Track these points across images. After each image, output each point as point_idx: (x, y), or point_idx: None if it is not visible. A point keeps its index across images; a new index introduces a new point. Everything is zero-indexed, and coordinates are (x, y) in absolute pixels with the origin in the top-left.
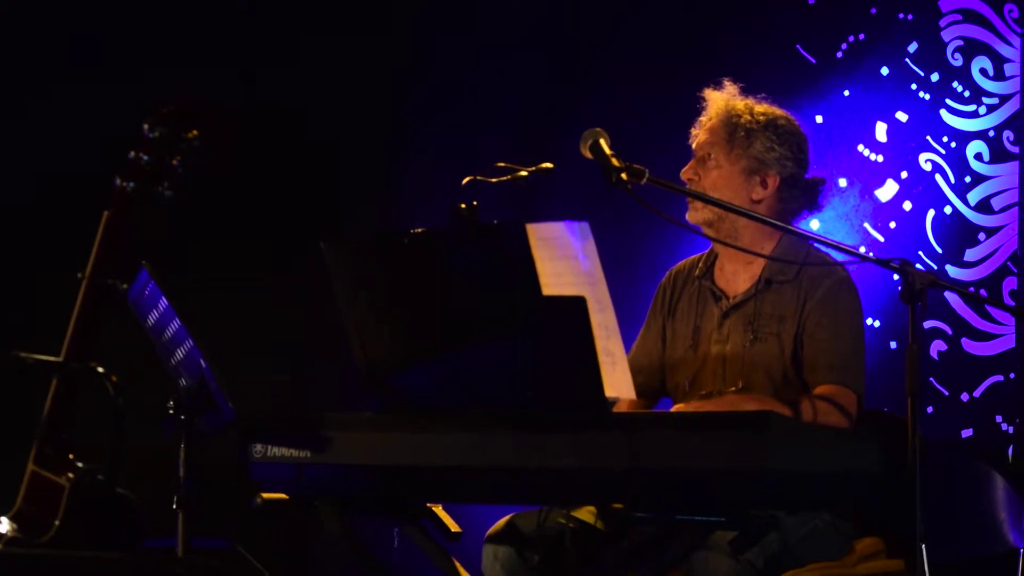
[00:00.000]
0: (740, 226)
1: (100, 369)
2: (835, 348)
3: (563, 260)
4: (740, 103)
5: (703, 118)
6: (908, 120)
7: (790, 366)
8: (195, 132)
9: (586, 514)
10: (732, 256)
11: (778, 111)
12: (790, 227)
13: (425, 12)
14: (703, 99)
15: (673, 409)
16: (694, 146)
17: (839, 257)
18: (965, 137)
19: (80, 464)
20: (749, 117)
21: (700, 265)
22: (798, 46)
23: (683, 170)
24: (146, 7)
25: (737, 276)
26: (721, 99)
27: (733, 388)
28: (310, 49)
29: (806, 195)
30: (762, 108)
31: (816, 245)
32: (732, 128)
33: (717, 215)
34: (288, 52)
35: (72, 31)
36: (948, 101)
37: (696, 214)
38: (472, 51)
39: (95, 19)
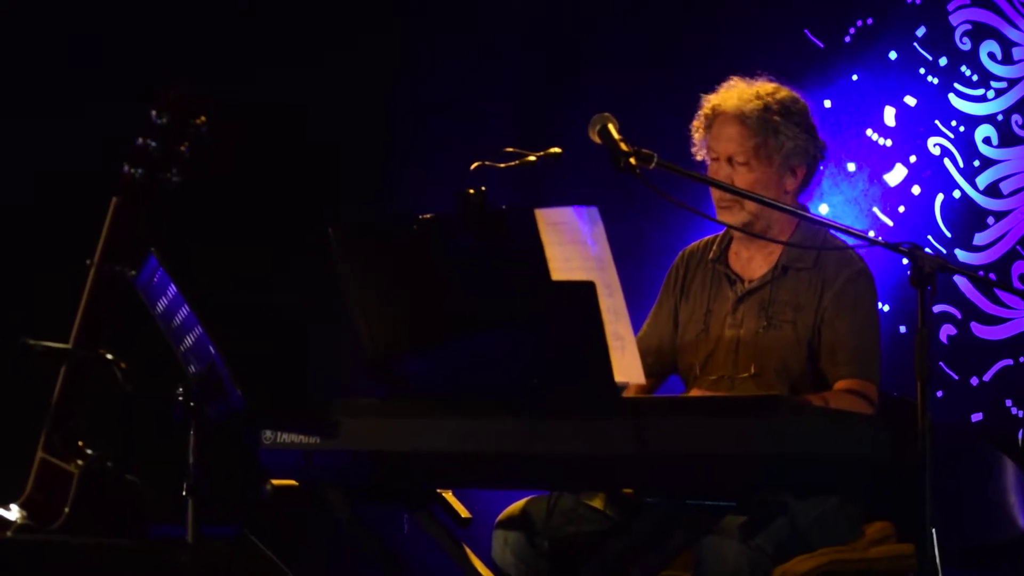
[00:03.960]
0: (774, 219)
1: (109, 356)
2: (855, 340)
3: (572, 245)
4: (753, 99)
5: (709, 124)
6: (916, 104)
7: (804, 354)
8: (203, 118)
9: (596, 499)
10: (749, 241)
11: (783, 91)
12: (810, 214)
13: None
14: (709, 101)
15: (684, 395)
16: (715, 152)
17: (849, 241)
18: (973, 121)
19: (89, 451)
20: (771, 114)
21: (714, 248)
22: (806, 31)
23: (714, 176)
24: (146, 7)
25: (753, 261)
26: (731, 99)
27: (745, 374)
28: (311, 43)
29: (820, 160)
30: (771, 94)
31: (832, 231)
32: (757, 128)
33: (754, 215)
34: (289, 46)
35: (72, 31)
36: (956, 85)
37: (733, 216)
38: (473, 38)
39: (95, 19)
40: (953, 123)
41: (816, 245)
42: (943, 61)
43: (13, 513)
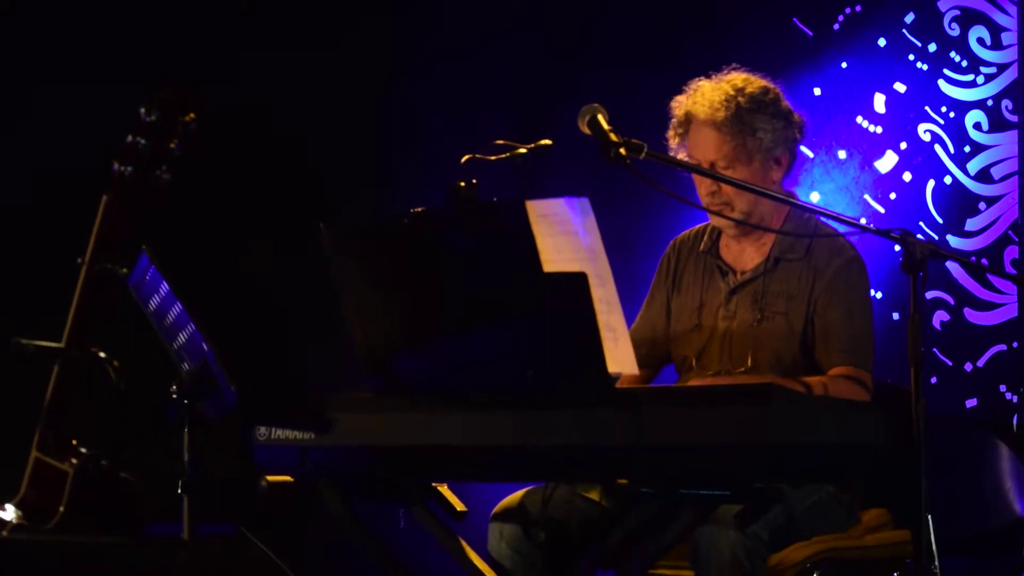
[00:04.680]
0: (765, 212)
1: (102, 354)
2: (848, 327)
3: (563, 236)
4: (723, 103)
5: (684, 131)
6: (906, 91)
7: (798, 345)
8: (192, 115)
9: (591, 490)
10: (741, 233)
11: (753, 83)
12: (800, 202)
13: None
14: (680, 108)
15: (678, 384)
16: (698, 158)
17: (840, 228)
18: (964, 107)
19: (83, 450)
20: (742, 111)
21: (705, 239)
22: (795, 19)
23: (700, 185)
24: (145, 5)
25: (744, 252)
26: (702, 105)
27: (742, 368)
28: (305, 34)
29: (800, 140)
30: (741, 90)
31: (823, 219)
32: (734, 131)
33: (746, 213)
34: (285, 42)
35: (71, 29)
36: (946, 71)
37: (733, 213)
38: (468, 30)
39: (95, 17)
40: (943, 109)
41: (807, 233)
42: (932, 47)
43: (8, 513)
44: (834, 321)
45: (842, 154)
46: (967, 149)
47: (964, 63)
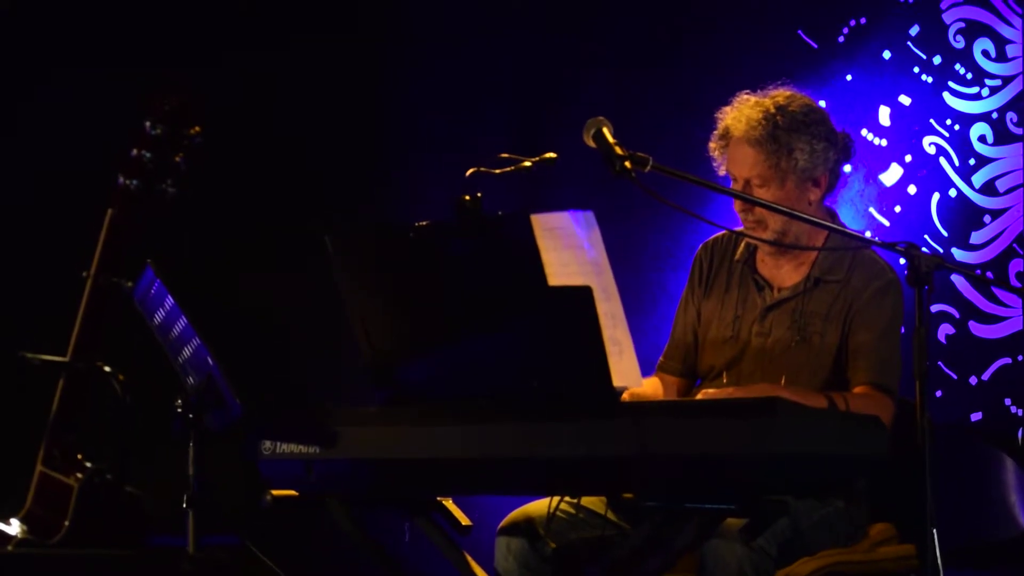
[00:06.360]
0: (802, 230)
1: (107, 368)
2: (877, 349)
3: (568, 250)
4: (760, 121)
5: (724, 144)
6: (911, 104)
7: (833, 366)
8: (197, 128)
9: (597, 504)
10: (780, 250)
11: (796, 101)
12: (840, 228)
13: None
14: (722, 121)
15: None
16: (732, 175)
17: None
18: (968, 119)
19: (89, 464)
20: (779, 130)
21: (741, 248)
22: (799, 31)
23: (736, 203)
24: (146, 4)
25: (782, 269)
26: (739, 121)
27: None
28: (305, 42)
29: (843, 160)
30: (782, 108)
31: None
32: (770, 150)
33: (780, 232)
34: (282, 43)
35: (70, 28)
36: (951, 84)
37: (765, 232)
38: (467, 30)
39: (93, 16)
40: (948, 122)
41: (848, 253)
42: (937, 60)
43: (13, 527)
44: (865, 341)
45: (847, 167)
46: (972, 162)
47: (969, 76)
